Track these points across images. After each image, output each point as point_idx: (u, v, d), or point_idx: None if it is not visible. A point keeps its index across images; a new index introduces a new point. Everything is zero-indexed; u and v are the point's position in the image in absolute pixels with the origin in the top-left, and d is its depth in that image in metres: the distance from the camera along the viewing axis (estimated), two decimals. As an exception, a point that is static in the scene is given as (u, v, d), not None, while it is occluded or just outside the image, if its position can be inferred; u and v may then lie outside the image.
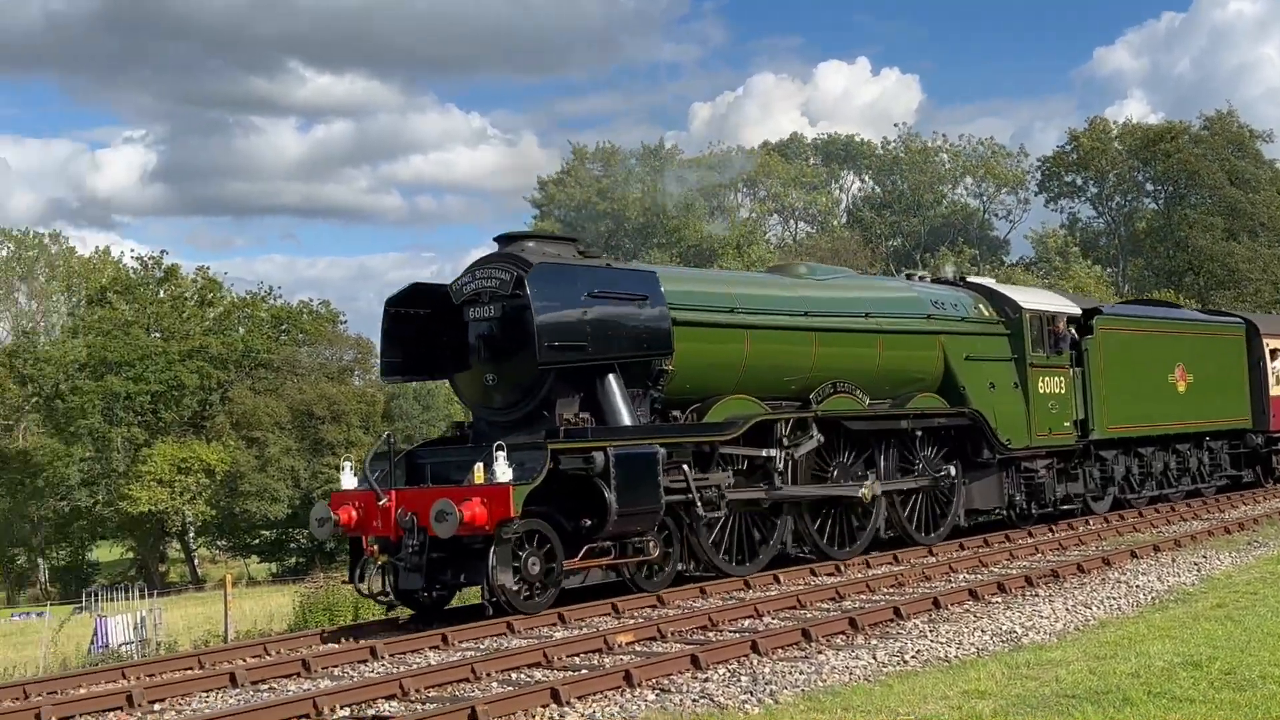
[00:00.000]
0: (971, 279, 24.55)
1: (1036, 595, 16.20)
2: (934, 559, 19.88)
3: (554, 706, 10.60)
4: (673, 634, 14.14)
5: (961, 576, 18.02)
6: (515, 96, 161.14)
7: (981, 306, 23.18)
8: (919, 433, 20.90)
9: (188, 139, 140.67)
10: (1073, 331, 24.50)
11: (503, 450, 15.67)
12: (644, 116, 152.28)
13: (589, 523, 16.22)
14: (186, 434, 69.86)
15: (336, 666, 13.36)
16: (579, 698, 10.88)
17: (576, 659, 12.91)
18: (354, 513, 16.26)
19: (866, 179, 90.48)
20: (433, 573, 16.10)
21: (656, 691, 11.22)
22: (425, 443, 18.71)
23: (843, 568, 19.14)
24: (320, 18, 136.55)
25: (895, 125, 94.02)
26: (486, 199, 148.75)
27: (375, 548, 16.24)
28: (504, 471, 15.54)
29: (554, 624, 15.34)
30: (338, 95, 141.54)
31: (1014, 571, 17.99)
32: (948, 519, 21.77)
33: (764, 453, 18.56)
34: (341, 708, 11.00)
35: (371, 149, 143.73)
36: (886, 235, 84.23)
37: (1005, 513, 23.28)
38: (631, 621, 15.17)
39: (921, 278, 24.47)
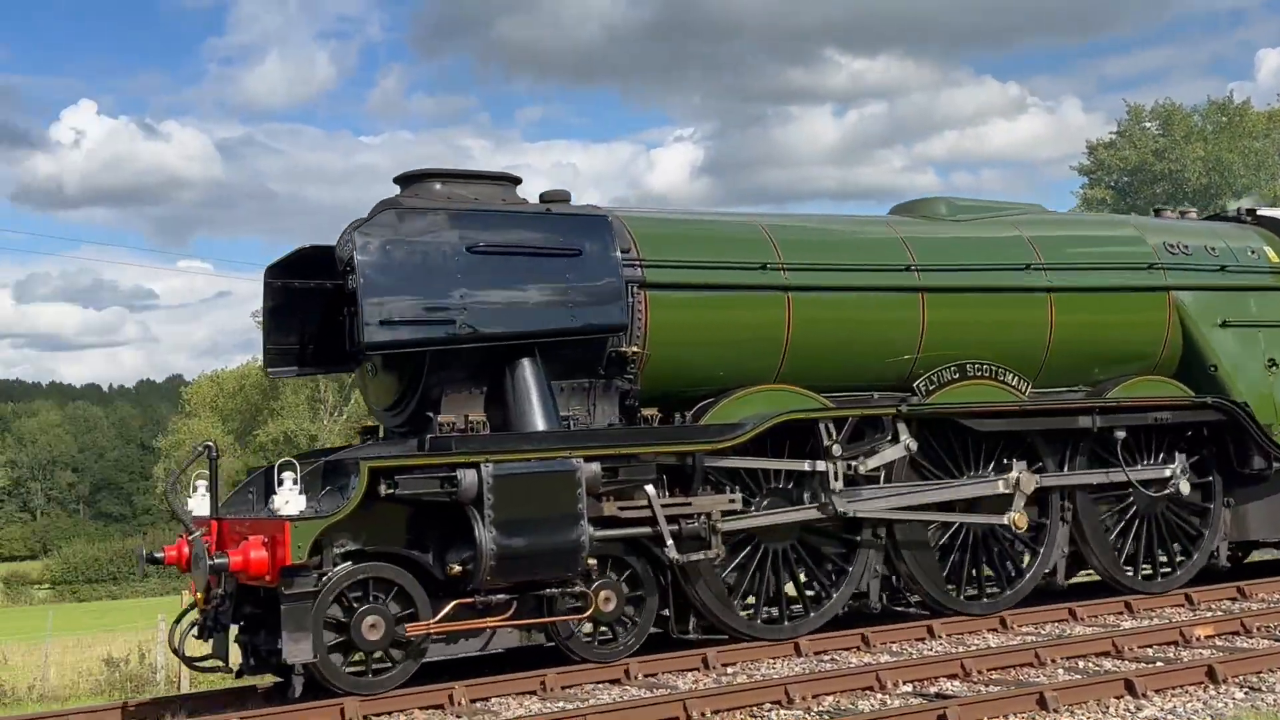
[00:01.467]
0: (1266, 212, 16.41)
1: None
2: None
3: (1129, 698, 9.61)
4: (1259, 629, 12.28)
5: None
6: (1056, 61, 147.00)
7: (1270, 249, 15.36)
8: (1120, 434, 13.72)
9: (731, 133, 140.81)
10: None
11: (292, 470, 10.77)
12: (1202, 70, 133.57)
13: (458, 569, 11.02)
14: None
15: (895, 643, 12.28)
16: (1156, 690, 9.79)
17: (1149, 650, 11.52)
18: (186, 548, 11.79)
19: None
20: (250, 632, 11.41)
21: (1245, 690, 9.86)
22: (307, 454, 13.74)
23: None
24: (855, 2, 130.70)
25: None
26: (1026, 170, 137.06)
27: (201, 595, 11.73)
28: (287, 501, 10.65)
29: (1121, 613, 13.49)
30: (872, 78, 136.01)
31: None
32: (1192, 557, 14.38)
33: (805, 466, 12.40)
34: (904, 683, 10.37)
35: (905, 128, 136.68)
36: None
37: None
38: (1209, 615, 13.22)
39: (1183, 213, 16.65)
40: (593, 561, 11.35)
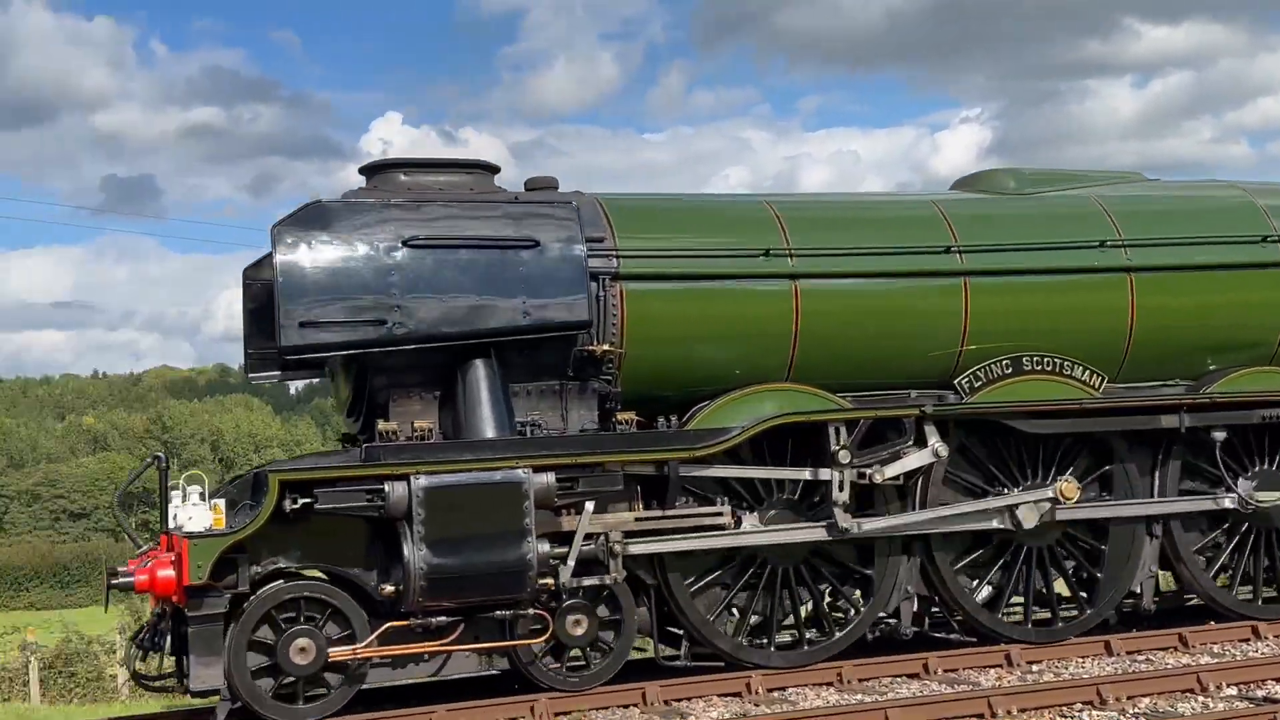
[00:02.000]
0: None
1: None
2: None
3: None
4: None
5: None
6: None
7: None
8: (1219, 435, 11.68)
9: (1021, 111, 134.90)
10: None
11: (199, 484, 10.13)
12: None
13: (389, 589, 10.16)
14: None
15: (1216, 644, 11.55)
16: None
17: None
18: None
19: None
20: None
21: None
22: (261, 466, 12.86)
23: None
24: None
25: None
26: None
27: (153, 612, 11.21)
28: (190, 517, 10.00)
29: None
30: (1175, 46, 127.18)
31: None
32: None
33: (806, 475, 10.95)
34: (1228, 686, 9.92)
35: (1214, 97, 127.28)
36: None
37: None
38: None
39: (1323, 182, 14.06)
40: (547, 581, 10.28)
